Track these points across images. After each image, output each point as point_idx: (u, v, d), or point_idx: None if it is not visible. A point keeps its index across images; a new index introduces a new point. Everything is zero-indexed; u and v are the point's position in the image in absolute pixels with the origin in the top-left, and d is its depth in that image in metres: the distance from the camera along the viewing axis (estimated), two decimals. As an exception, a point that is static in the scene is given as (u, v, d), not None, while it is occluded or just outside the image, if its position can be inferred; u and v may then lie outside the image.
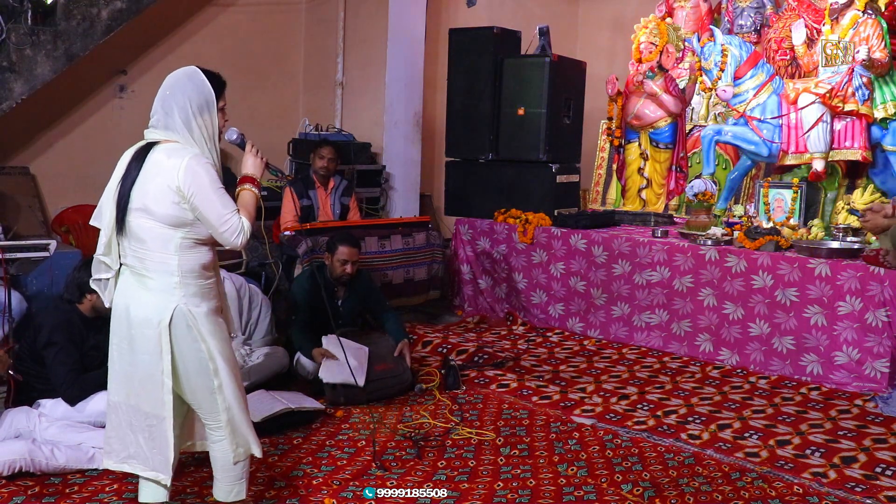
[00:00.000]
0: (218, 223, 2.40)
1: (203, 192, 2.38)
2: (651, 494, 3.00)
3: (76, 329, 3.38)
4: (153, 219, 2.39)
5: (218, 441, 2.55)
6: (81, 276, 3.42)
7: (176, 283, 2.40)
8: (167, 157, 2.40)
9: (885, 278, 4.15)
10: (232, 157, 6.70)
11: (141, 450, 2.49)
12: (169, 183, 2.36)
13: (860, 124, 5.40)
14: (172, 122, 2.47)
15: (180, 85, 2.51)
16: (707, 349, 4.80)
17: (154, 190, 2.38)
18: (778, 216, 5.30)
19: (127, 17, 5.25)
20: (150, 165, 2.41)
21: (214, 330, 2.47)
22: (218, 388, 2.48)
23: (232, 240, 2.43)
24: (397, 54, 6.80)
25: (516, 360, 4.74)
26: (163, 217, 2.38)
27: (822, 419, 3.83)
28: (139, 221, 2.40)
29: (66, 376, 3.29)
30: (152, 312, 2.39)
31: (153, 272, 2.40)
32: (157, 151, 2.43)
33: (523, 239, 5.56)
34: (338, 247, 4.15)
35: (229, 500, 2.59)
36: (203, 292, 2.46)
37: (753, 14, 6.78)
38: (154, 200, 2.38)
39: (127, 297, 2.45)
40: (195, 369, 2.45)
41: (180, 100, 2.49)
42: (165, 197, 2.37)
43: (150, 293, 2.40)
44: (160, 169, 2.39)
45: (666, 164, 6.22)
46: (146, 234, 2.39)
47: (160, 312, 2.39)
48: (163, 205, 2.37)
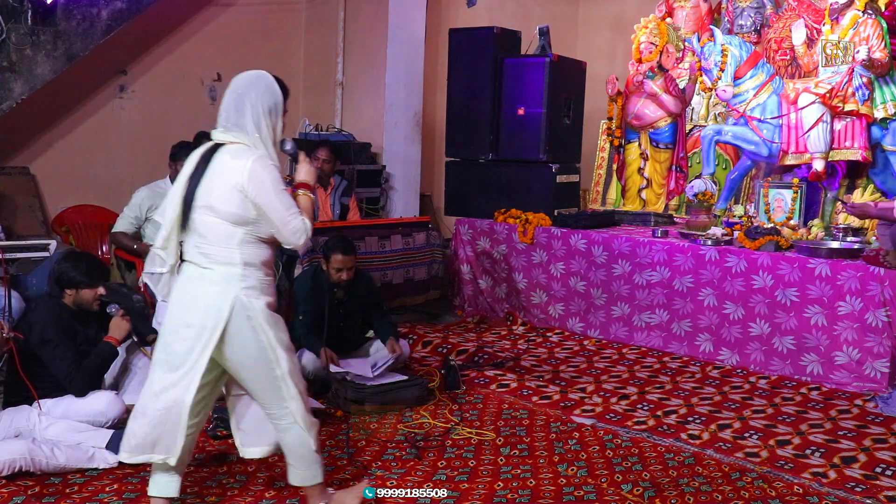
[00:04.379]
0: (281, 223, 2.50)
1: (267, 194, 2.47)
2: (651, 494, 3.00)
3: (66, 322, 3.39)
4: (217, 216, 2.49)
5: (287, 429, 2.61)
6: (60, 270, 3.43)
7: (237, 275, 2.50)
8: (232, 158, 2.50)
9: (885, 278, 4.15)
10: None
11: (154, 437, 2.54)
12: (234, 183, 2.46)
13: (860, 124, 5.41)
14: (244, 121, 2.54)
15: (253, 85, 2.58)
16: (707, 349, 4.80)
17: (219, 189, 2.48)
18: (778, 216, 5.30)
19: (127, 17, 5.26)
20: (215, 166, 2.51)
21: (273, 321, 2.55)
22: (281, 377, 2.55)
23: (293, 239, 2.55)
24: (397, 54, 6.80)
25: (516, 360, 4.74)
26: (226, 215, 2.48)
27: (822, 419, 3.83)
28: (204, 218, 2.50)
29: (68, 370, 3.29)
30: (212, 303, 2.48)
31: (215, 265, 2.50)
32: (224, 152, 2.53)
33: (523, 239, 5.56)
34: (332, 255, 4.13)
35: (308, 484, 2.67)
36: (262, 286, 2.55)
37: (753, 14, 6.78)
38: (219, 199, 2.48)
39: (185, 290, 2.54)
40: (256, 360, 2.53)
41: (253, 99, 2.56)
42: (230, 196, 2.47)
43: (212, 285, 2.49)
44: (225, 169, 2.49)
45: (666, 164, 6.22)
46: (209, 231, 2.49)
47: (220, 303, 2.47)
48: (227, 203, 2.47)
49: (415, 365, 4.44)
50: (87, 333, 3.47)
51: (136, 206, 4.80)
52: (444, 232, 6.89)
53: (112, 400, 3.39)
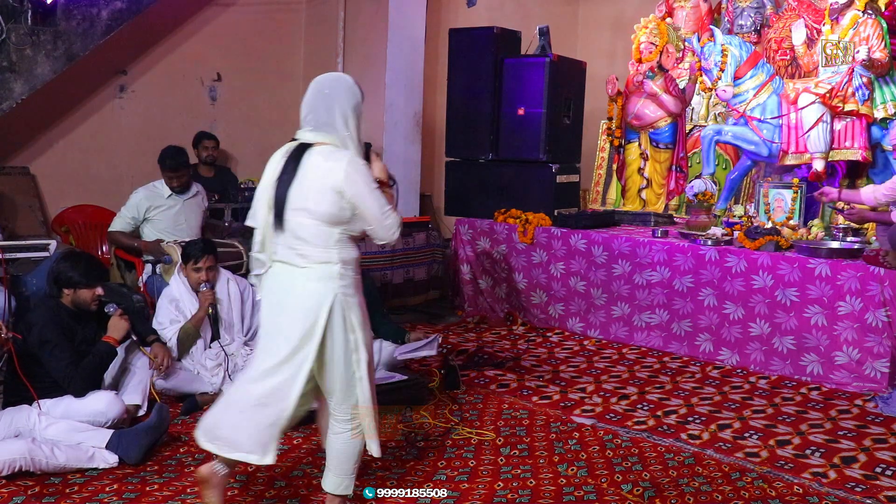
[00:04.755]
0: (377, 221, 2.57)
1: (362, 193, 2.53)
2: (651, 494, 3.00)
3: (65, 323, 3.39)
4: (312, 217, 2.52)
5: (341, 433, 2.64)
6: (58, 270, 3.43)
7: (336, 273, 2.54)
8: (325, 160, 2.53)
9: (885, 278, 4.15)
10: (232, 158, 6.71)
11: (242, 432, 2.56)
12: (331, 185, 2.50)
13: (860, 124, 5.41)
14: (334, 120, 2.58)
15: (338, 85, 2.61)
16: (707, 349, 4.80)
17: (315, 191, 2.52)
18: (778, 216, 5.30)
19: (127, 17, 5.26)
20: (307, 168, 2.53)
21: (363, 322, 2.61)
22: (359, 378, 2.59)
23: (388, 235, 2.62)
24: (397, 54, 6.80)
25: (516, 360, 4.74)
26: (322, 215, 2.52)
27: (822, 419, 3.83)
28: (299, 220, 2.53)
29: (66, 371, 3.29)
30: (312, 300, 2.52)
31: (314, 264, 2.54)
32: (314, 154, 2.55)
33: (523, 239, 5.56)
34: None
35: (337, 492, 2.69)
36: (356, 284, 2.61)
37: (753, 14, 6.78)
38: (315, 201, 2.51)
39: (280, 289, 2.58)
40: (340, 357, 2.56)
41: (340, 98, 2.60)
42: (326, 197, 2.51)
43: (311, 282, 2.53)
44: (319, 171, 2.52)
45: (666, 164, 6.22)
46: (306, 232, 2.53)
47: (320, 300, 2.52)
48: (324, 204, 2.51)
49: (415, 365, 4.44)
50: (85, 333, 3.48)
51: (134, 206, 4.80)
52: (444, 232, 6.89)
53: (112, 400, 3.39)
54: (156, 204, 4.82)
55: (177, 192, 4.86)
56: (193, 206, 4.96)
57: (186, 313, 4.03)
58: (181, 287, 4.09)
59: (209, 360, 4.01)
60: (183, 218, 4.87)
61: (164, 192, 4.85)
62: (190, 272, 4.07)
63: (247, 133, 6.77)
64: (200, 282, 4.04)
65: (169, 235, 4.73)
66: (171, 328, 3.98)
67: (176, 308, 4.05)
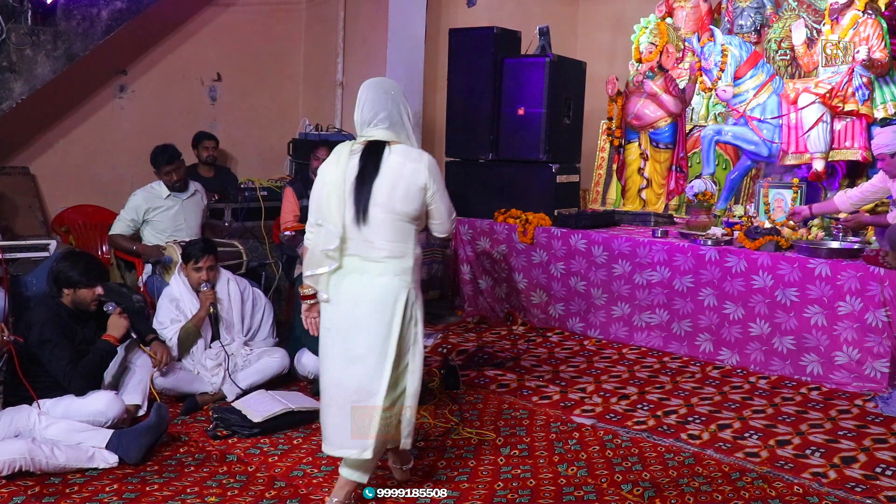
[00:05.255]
0: (448, 215, 2.80)
1: (440, 190, 2.74)
2: (651, 494, 3.00)
3: (64, 322, 3.39)
4: (395, 213, 2.65)
5: None
6: (58, 270, 3.44)
7: (409, 268, 2.69)
8: (406, 159, 2.67)
9: (885, 278, 4.15)
10: (232, 158, 6.71)
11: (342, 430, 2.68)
12: (418, 183, 2.66)
13: (860, 124, 5.41)
14: (402, 120, 2.73)
15: (397, 88, 2.77)
16: (707, 349, 4.80)
17: (401, 190, 2.64)
18: (778, 216, 5.30)
19: (127, 17, 5.26)
20: (390, 166, 2.65)
21: (422, 316, 2.77)
22: (411, 370, 2.74)
23: (451, 228, 2.85)
24: (397, 54, 6.79)
25: (516, 360, 4.74)
26: (404, 213, 2.66)
27: (822, 419, 3.83)
28: (381, 216, 2.64)
29: (66, 369, 3.29)
30: (389, 295, 2.65)
31: (390, 259, 2.66)
32: (393, 153, 2.68)
33: (523, 239, 5.56)
34: None
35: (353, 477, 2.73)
36: (420, 279, 2.76)
37: (753, 14, 6.78)
38: (401, 199, 2.65)
39: (355, 284, 2.67)
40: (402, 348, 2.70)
41: (403, 101, 2.76)
42: (412, 195, 2.66)
43: (387, 276, 2.66)
44: (405, 170, 2.66)
45: (666, 164, 6.22)
46: (386, 227, 2.65)
47: (396, 294, 2.66)
48: (409, 203, 2.66)
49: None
50: (85, 333, 3.48)
51: (133, 209, 4.80)
52: (445, 232, 6.88)
53: (112, 400, 3.39)
54: (155, 205, 4.82)
55: (177, 188, 4.85)
56: (192, 206, 4.96)
57: (187, 313, 4.03)
58: (181, 287, 4.09)
59: (209, 359, 4.01)
60: (182, 218, 4.87)
61: (163, 193, 4.85)
62: (190, 272, 4.07)
63: (247, 133, 6.77)
64: (201, 281, 4.04)
65: (169, 236, 4.73)
66: (172, 327, 3.99)
67: (176, 308, 4.05)
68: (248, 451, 3.36)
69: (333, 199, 2.65)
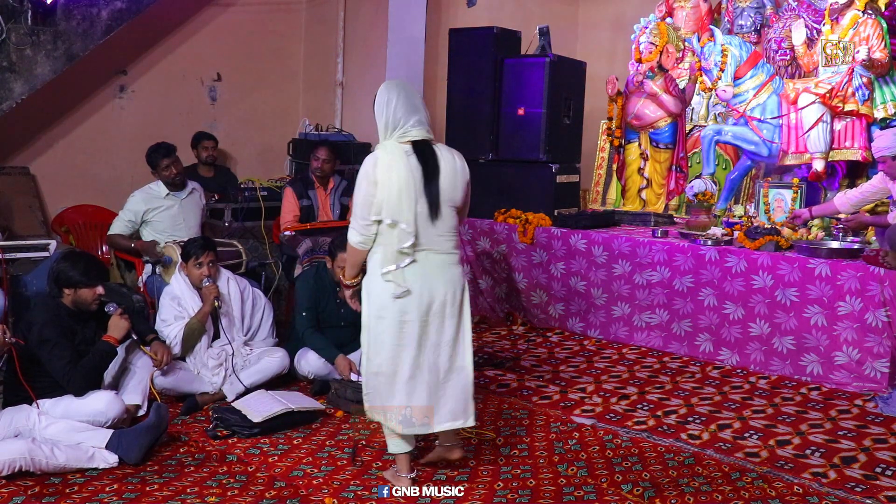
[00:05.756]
0: (467, 208, 3.03)
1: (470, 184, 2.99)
2: (651, 494, 3.00)
3: (65, 322, 3.39)
4: (454, 207, 2.91)
5: None
6: (58, 270, 3.43)
7: (461, 258, 3.01)
8: (453, 156, 2.93)
9: (885, 278, 4.15)
10: (232, 158, 6.71)
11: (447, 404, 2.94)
12: (466, 177, 2.95)
13: (860, 124, 5.41)
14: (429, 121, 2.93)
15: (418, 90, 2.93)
16: (707, 349, 4.80)
17: (459, 185, 2.91)
18: (778, 216, 5.30)
19: (127, 17, 5.25)
20: (447, 163, 2.89)
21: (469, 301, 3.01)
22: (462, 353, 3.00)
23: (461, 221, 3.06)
24: (397, 54, 6.79)
25: (516, 360, 4.74)
26: (458, 206, 2.92)
27: (822, 419, 3.83)
28: (445, 211, 2.87)
29: (66, 369, 3.29)
30: (457, 283, 2.93)
31: (453, 252, 2.93)
32: (442, 150, 2.92)
33: (523, 239, 5.56)
34: (338, 253, 4.14)
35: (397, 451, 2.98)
36: None
37: (753, 14, 6.78)
38: (459, 194, 2.92)
39: (427, 278, 2.86)
40: None
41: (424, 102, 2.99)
42: (464, 190, 2.94)
43: (453, 266, 2.93)
44: (456, 166, 2.92)
45: (666, 164, 6.21)
46: (450, 221, 2.90)
47: (461, 282, 2.95)
48: (460, 196, 2.93)
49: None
50: (85, 333, 3.48)
51: (132, 210, 4.80)
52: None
53: (112, 400, 3.39)
54: (153, 205, 4.82)
55: (177, 183, 4.85)
56: (191, 205, 4.96)
57: (189, 311, 4.03)
58: (182, 286, 4.09)
59: (211, 359, 4.01)
60: (182, 217, 4.87)
61: (161, 193, 4.85)
62: (191, 269, 4.07)
63: (247, 133, 6.77)
64: (203, 277, 4.04)
65: (169, 236, 4.72)
66: (177, 324, 3.98)
67: (178, 305, 4.05)
68: (248, 451, 3.36)
69: (405, 198, 2.78)
